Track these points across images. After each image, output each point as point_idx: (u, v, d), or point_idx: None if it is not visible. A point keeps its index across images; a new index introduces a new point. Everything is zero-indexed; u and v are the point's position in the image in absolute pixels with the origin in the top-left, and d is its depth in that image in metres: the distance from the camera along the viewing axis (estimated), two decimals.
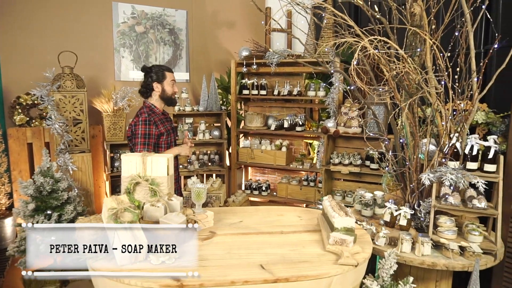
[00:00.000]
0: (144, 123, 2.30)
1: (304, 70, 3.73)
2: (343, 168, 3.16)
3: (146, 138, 2.29)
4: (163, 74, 2.41)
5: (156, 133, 2.33)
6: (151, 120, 2.32)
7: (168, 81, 2.41)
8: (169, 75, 2.43)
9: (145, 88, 2.42)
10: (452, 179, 1.80)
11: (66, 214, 2.87)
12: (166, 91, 2.41)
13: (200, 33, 4.35)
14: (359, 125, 3.17)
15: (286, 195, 3.89)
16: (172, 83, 2.44)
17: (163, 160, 1.78)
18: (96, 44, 3.78)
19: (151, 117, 2.34)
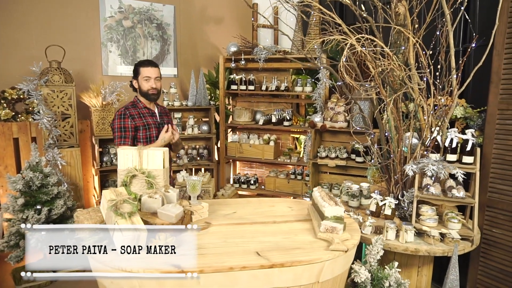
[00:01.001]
0: (119, 117, 2.32)
1: (291, 66, 3.81)
2: (329, 162, 3.27)
3: (122, 131, 2.30)
4: (136, 70, 2.38)
5: (132, 125, 2.32)
6: (126, 114, 2.32)
7: (142, 77, 2.35)
8: (143, 71, 2.35)
9: (131, 85, 2.47)
10: (434, 170, 1.91)
11: (56, 209, 2.88)
12: (141, 87, 2.37)
13: (188, 28, 4.37)
14: (345, 120, 3.28)
15: (274, 188, 3.98)
16: (147, 78, 2.34)
17: (159, 153, 1.82)
18: (83, 38, 3.75)
19: (127, 111, 2.34)
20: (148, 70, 2.35)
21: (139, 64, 2.38)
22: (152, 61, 2.42)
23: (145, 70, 2.35)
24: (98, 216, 1.65)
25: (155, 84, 2.37)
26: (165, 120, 2.53)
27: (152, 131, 2.40)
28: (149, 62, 2.39)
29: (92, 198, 3.80)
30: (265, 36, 4.83)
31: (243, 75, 3.95)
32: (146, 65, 2.36)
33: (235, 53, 3.81)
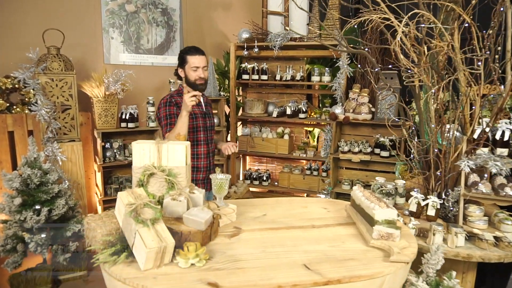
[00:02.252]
0: (164, 105, 2.24)
1: (308, 54, 3.55)
2: (353, 157, 3.03)
3: (168, 118, 2.20)
4: (183, 59, 2.24)
5: (178, 113, 2.19)
6: (172, 102, 2.24)
7: (189, 67, 2.21)
8: (191, 60, 2.21)
9: (176, 74, 2.33)
10: (498, 166, 1.68)
11: (57, 209, 2.61)
12: (188, 77, 2.24)
13: (195, 14, 4.09)
14: (370, 111, 3.04)
15: (288, 184, 3.74)
16: (195, 68, 2.21)
17: (181, 148, 1.57)
18: (82, 23, 3.46)
19: (173, 98, 2.26)
20: (196, 59, 2.21)
21: (185, 52, 2.24)
22: (199, 48, 2.26)
23: (193, 59, 2.20)
24: (113, 223, 1.40)
25: (203, 74, 2.24)
26: (210, 111, 2.46)
27: (198, 120, 2.30)
28: (196, 49, 2.23)
29: (94, 196, 3.54)
30: (274, 23, 4.56)
31: (255, 64, 3.69)
32: (194, 53, 2.21)
33: (247, 40, 3.54)
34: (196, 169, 2.35)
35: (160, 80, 3.90)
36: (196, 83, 2.23)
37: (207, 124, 2.39)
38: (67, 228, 2.68)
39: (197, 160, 2.35)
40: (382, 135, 3.10)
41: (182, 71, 2.26)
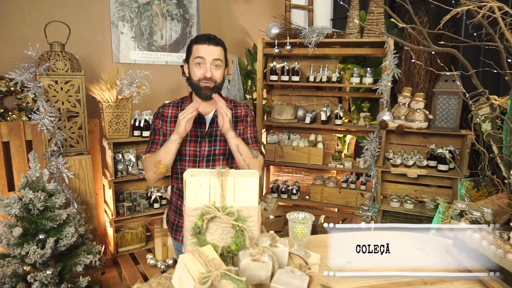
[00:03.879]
0: (153, 117, 1.69)
1: (348, 52, 3.13)
2: (408, 171, 2.63)
3: (151, 135, 1.66)
4: (189, 49, 1.56)
5: (164, 130, 1.63)
6: (158, 113, 1.65)
7: (192, 58, 1.53)
8: (196, 49, 1.52)
9: (183, 72, 1.66)
10: None
11: (65, 239, 2.17)
12: (191, 74, 1.56)
13: (213, 7, 3.64)
14: (426, 119, 2.64)
15: (321, 199, 3.33)
16: (200, 61, 1.50)
17: (252, 182, 1.15)
18: (88, 15, 3.00)
19: (163, 109, 1.65)
20: (203, 48, 1.50)
21: (193, 40, 1.57)
22: (213, 36, 1.55)
23: (198, 48, 1.51)
24: None
25: (210, 72, 1.50)
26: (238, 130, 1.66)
27: (187, 146, 1.59)
28: (208, 37, 1.53)
29: (102, 215, 3.09)
30: (298, 18, 4.14)
31: (285, 63, 3.26)
32: (202, 41, 1.51)
33: (278, 36, 3.11)
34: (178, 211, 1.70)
35: (175, 81, 3.45)
36: (199, 86, 1.52)
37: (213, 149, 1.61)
38: (77, 261, 2.24)
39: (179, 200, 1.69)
40: (437, 145, 2.71)
41: (186, 67, 1.59)
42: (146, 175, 1.61)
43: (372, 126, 3.16)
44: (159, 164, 1.49)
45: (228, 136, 1.52)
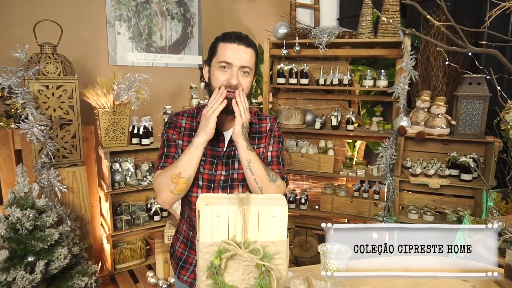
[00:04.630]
0: (164, 127, 1.37)
1: (361, 53, 2.95)
2: (430, 181, 2.44)
3: (164, 148, 1.31)
4: (213, 47, 1.27)
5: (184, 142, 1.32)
6: (172, 123, 1.34)
7: (217, 61, 1.24)
8: (222, 50, 1.23)
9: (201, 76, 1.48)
10: None
11: (57, 261, 1.96)
12: (211, 80, 1.27)
13: (215, 6, 3.45)
14: (448, 125, 2.45)
15: (332, 208, 3.14)
16: (225, 65, 1.22)
17: (280, 210, 0.95)
18: (82, 14, 2.79)
19: (177, 118, 1.35)
20: (231, 49, 1.22)
21: (219, 37, 1.27)
22: (244, 36, 1.26)
23: (225, 48, 1.22)
24: None
25: (236, 78, 1.22)
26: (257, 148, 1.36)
27: (200, 168, 1.28)
28: (238, 36, 1.24)
29: (98, 229, 2.87)
30: (303, 18, 3.95)
31: (293, 65, 3.07)
32: (231, 39, 1.23)
33: (287, 37, 2.92)
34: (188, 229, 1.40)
35: (176, 85, 3.25)
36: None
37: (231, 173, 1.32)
38: (71, 284, 2.03)
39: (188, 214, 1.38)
40: (458, 153, 2.52)
41: (207, 70, 1.30)
42: (159, 198, 1.24)
43: (386, 131, 2.97)
44: (179, 178, 1.19)
45: (238, 146, 1.23)
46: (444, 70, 2.82)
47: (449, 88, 2.86)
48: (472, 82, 2.36)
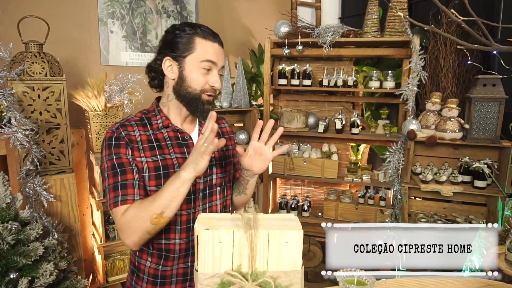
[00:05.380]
0: (108, 142, 1.09)
1: (367, 53, 2.81)
2: (442, 188, 2.30)
3: (119, 175, 1.05)
4: (188, 41, 1.09)
5: (131, 160, 1.09)
6: (120, 136, 1.09)
7: (197, 59, 1.10)
8: (204, 47, 1.10)
9: (151, 68, 1.18)
10: None
11: (42, 277, 1.80)
12: (187, 79, 1.11)
13: (213, 4, 3.30)
14: (460, 128, 2.32)
15: (336, 216, 3.00)
16: (211, 66, 1.11)
17: (294, 235, 0.80)
18: (72, 12, 2.64)
19: (125, 130, 1.11)
20: (213, 48, 1.11)
21: (192, 29, 1.10)
22: (217, 34, 1.15)
23: (207, 46, 1.10)
24: None
25: (218, 82, 1.13)
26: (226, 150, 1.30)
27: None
28: (214, 33, 1.14)
29: (89, 239, 2.71)
30: (304, 17, 3.81)
31: (296, 65, 2.93)
32: (210, 36, 1.11)
33: (289, 35, 2.77)
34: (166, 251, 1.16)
35: None
36: (201, 98, 1.13)
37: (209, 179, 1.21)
38: None
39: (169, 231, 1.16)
40: (471, 158, 2.39)
41: (176, 66, 1.11)
42: (129, 240, 1.03)
43: (393, 135, 2.84)
44: (161, 218, 0.99)
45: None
46: (454, 71, 2.68)
47: (459, 89, 2.72)
48: (486, 84, 2.22)
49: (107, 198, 1.07)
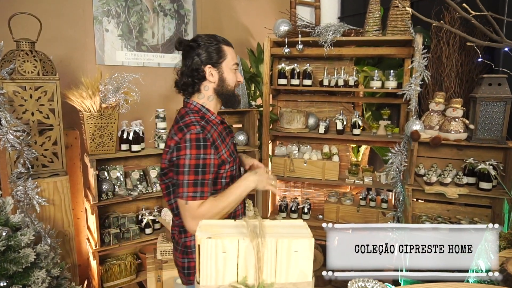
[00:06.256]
0: (196, 143, 1.22)
1: (367, 52, 2.76)
2: (447, 190, 2.24)
3: (200, 174, 1.22)
4: (219, 50, 1.32)
5: (216, 161, 1.27)
6: (207, 138, 1.25)
7: (230, 64, 1.35)
8: (230, 53, 1.36)
9: (189, 76, 1.32)
10: None
11: (34, 285, 1.72)
12: (226, 81, 1.34)
13: (211, 2, 3.24)
14: (465, 129, 2.26)
15: (337, 218, 2.94)
16: (236, 67, 1.38)
17: (304, 243, 0.74)
18: (66, 9, 2.56)
19: (207, 131, 1.27)
20: (234, 51, 1.39)
21: (218, 41, 1.34)
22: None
23: (232, 52, 1.37)
24: None
25: (241, 78, 1.43)
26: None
27: (237, 162, 1.44)
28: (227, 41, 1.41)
29: (84, 243, 2.64)
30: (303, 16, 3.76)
31: (296, 65, 2.87)
32: (229, 43, 1.38)
33: (289, 34, 2.72)
34: None
35: (169, 86, 3.02)
36: (234, 94, 1.39)
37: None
38: None
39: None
40: (476, 160, 2.33)
41: (215, 72, 1.32)
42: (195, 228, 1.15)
43: (395, 136, 2.78)
44: (225, 215, 1.28)
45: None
46: (457, 70, 2.63)
47: (462, 89, 2.68)
48: (492, 83, 2.17)
49: (182, 190, 1.21)
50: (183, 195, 1.21)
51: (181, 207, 1.24)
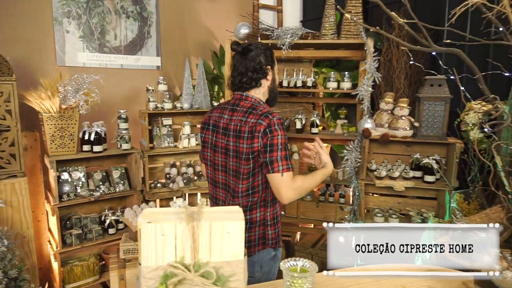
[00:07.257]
0: (281, 126, 1.46)
1: (324, 54, 2.90)
2: (395, 184, 2.42)
3: (287, 150, 1.47)
4: (272, 55, 1.60)
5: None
6: (283, 122, 1.51)
7: (276, 67, 1.64)
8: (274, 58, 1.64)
9: (259, 73, 1.52)
10: None
11: None
12: (276, 80, 1.62)
13: (174, 5, 3.29)
14: (411, 126, 2.45)
15: (298, 214, 3.07)
16: (277, 71, 1.69)
17: (235, 225, 0.83)
18: (24, 10, 2.54)
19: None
20: None
21: (270, 48, 1.60)
22: None
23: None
24: None
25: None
26: None
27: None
28: None
29: (45, 246, 2.62)
30: (266, 19, 3.88)
31: None
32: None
33: (249, 37, 2.82)
34: None
35: (132, 88, 3.05)
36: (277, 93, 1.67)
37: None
38: None
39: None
40: (421, 155, 2.52)
41: (271, 72, 1.58)
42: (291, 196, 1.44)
43: (351, 134, 2.94)
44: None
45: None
46: (406, 72, 2.83)
47: (411, 90, 2.88)
48: (433, 84, 2.36)
49: (278, 164, 1.40)
50: (279, 168, 1.39)
51: (277, 180, 1.40)
